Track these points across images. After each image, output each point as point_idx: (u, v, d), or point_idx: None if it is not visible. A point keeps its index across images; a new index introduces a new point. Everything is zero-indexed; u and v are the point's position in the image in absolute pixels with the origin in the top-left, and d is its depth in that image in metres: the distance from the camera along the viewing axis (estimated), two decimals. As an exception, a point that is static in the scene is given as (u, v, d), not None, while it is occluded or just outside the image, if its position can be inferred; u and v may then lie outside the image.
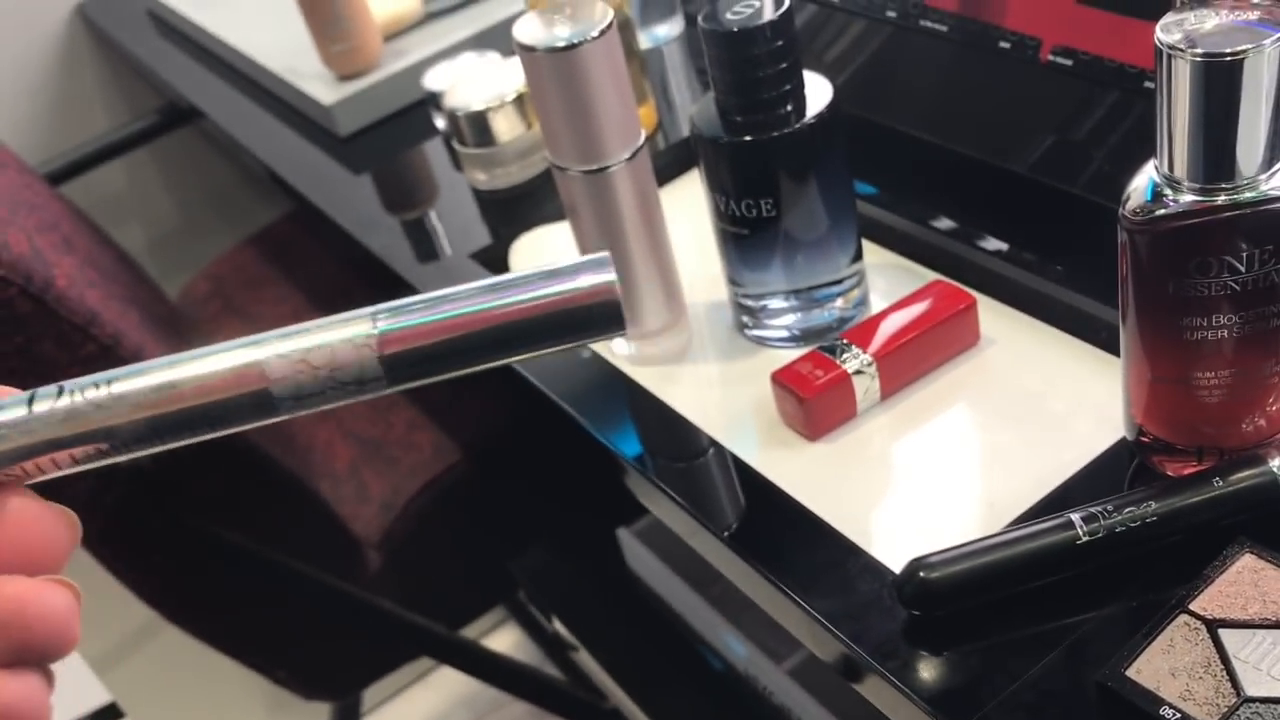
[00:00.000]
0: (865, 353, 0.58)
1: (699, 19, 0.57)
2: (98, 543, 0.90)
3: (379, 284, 0.97)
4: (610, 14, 0.56)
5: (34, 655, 0.28)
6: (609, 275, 0.31)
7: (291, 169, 0.93)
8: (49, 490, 0.31)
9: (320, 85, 0.94)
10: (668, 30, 0.94)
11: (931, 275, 0.66)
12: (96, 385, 0.30)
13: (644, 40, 0.92)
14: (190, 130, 1.34)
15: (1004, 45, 0.65)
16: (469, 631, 1.30)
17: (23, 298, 0.77)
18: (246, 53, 1.03)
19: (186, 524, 0.92)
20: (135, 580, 0.93)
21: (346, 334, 0.31)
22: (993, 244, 0.64)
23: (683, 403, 0.62)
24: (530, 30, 0.57)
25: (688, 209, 0.74)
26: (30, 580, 0.28)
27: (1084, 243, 0.61)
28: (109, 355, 0.82)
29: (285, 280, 1.35)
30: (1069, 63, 0.62)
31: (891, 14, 0.72)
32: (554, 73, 0.56)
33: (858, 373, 0.58)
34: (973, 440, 0.57)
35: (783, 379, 0.58)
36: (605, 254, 0.32)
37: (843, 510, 0.54)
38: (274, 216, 1.41)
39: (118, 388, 0.30)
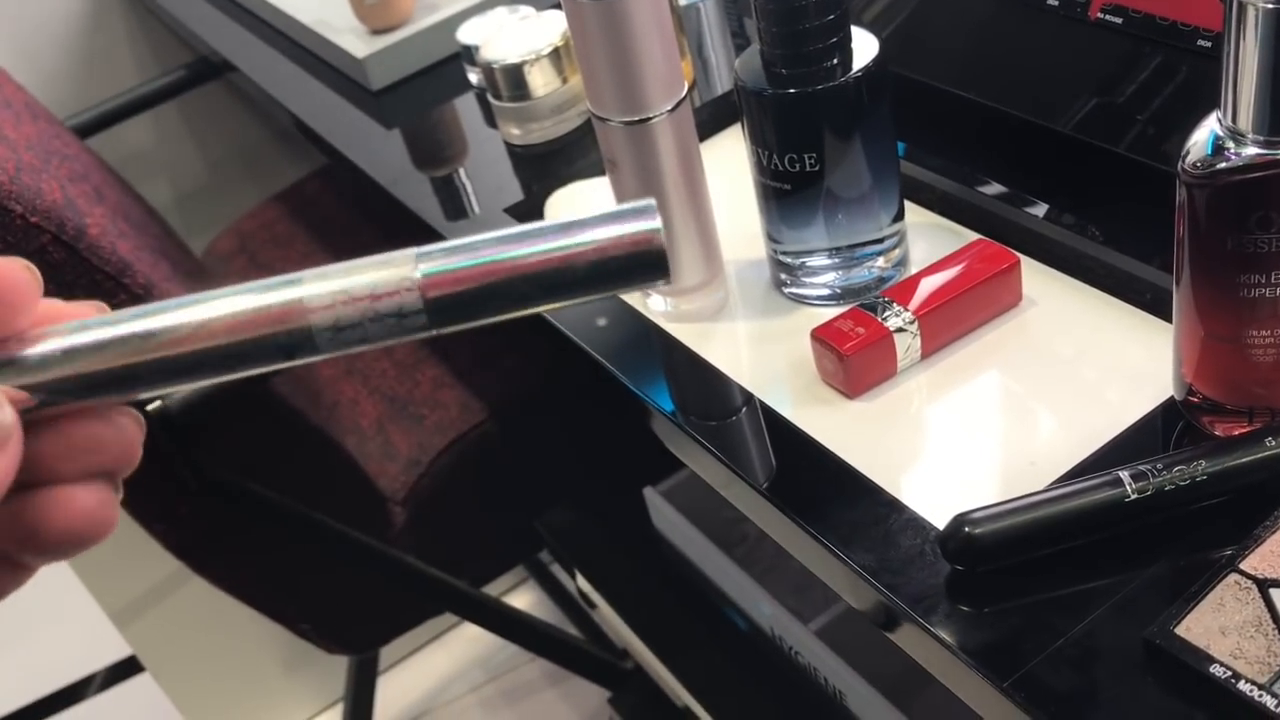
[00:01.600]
0: (907, 310, 0.58)
1: (746, -32, 0.56)
2: (126, 494, 0.90)
3: (408, 241, 0.96)
4: (657, -38, 0.55)
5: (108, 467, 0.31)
6: (655, 222, 0.31)
7: (323, 123, 0.93)
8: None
9: (353, 39, 0.93)
10: (703, -12, 0.93)
11: (973, 236, 0.65)
12: (139, 317, 0.30)
13: (680, -3, 0.91)
14: (219, 86, 1.33)
15: (1051, 2, 0.64)
16: (490, 590, 1.30)
17: (56, 245, 0.77)
18: (279, 5, 1.02)
19: (215, 476, 0.92)
20: (163, 532, 0.94)
21: (389, 275, 0.30)
22: (1036, 204, 0.63)
23: (720, 359, 0.62)
24: (575, -23, 0.56)
25: (723, 167, 0.73)
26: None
27: (1129, 204, 0.60)
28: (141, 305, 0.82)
29: (311, 238, 1.34)
30: (1119, 20, 0.61)
31: (936, -30, 0.71)
32: (599, 21, 0.55)
33: (899, 330, 0.57)
34: (1014, 400, 0.57)
35: (823, 335, 0.58)
36: (650, 201, 0.31)
37: (883, 466, 0.53)
38: (301, 174, 1.40)
39: (157, 321, 0.30)
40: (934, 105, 0.70)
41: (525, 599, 1.55)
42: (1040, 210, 0.63)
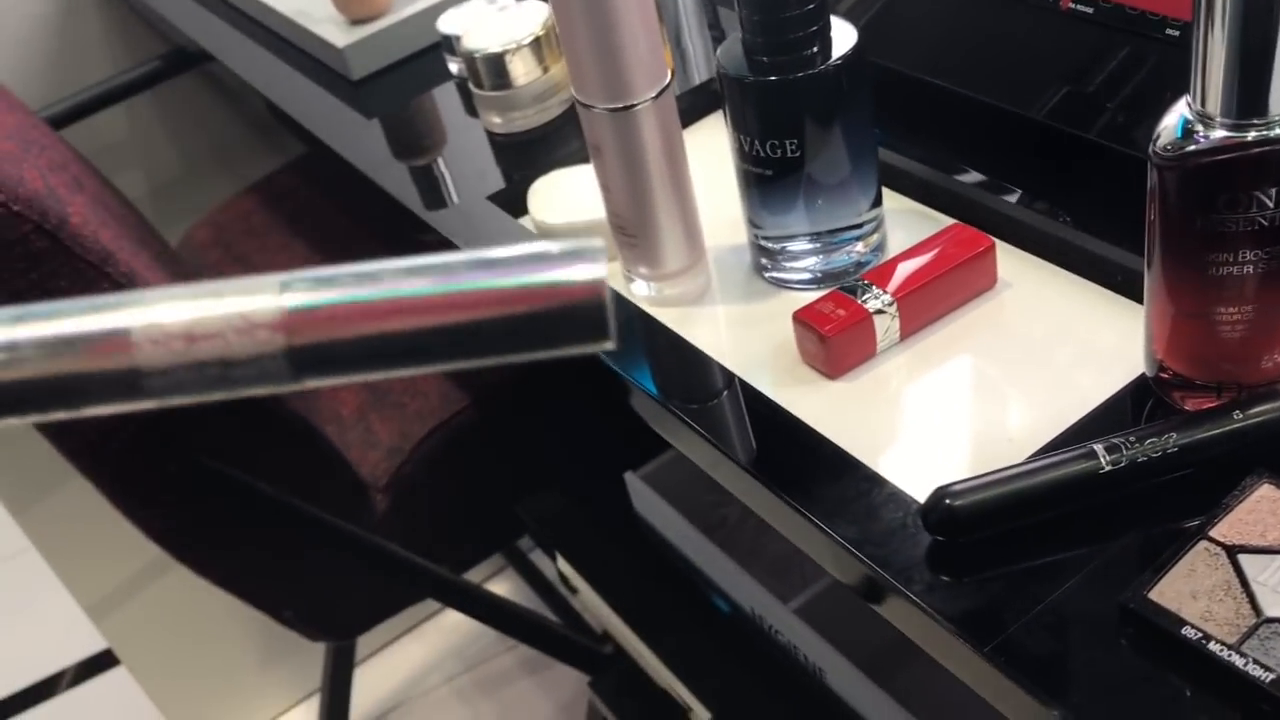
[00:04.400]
0: (886, 293, 0.59)
1: (729, -42, 0.58)
2: (109, 482, 0.91)
3: (387, 234, 0.97)
4: (641, -50, 0.57)
5: None
6: (599, 270, 0.24)
7: (303, 113, 0.93)
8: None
9: (332, 28, 0.94)
10: (679, -24, 0.94)
11: (948, 221, 0.67)
12: None
13: (658, -13, 0.92)
14: (193, 77, 1.33)
15: (1025, -8, 0.66)
16: (468, 578, 1.31)
17: (38, 234, 0.78)
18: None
19: (197, 464, 0.92)
20: (145, 520, 0.94)
21: (245, 306, 0.23)
22: (1010, 190, 0.65)
23: (703, 342, 0.63)
24: (561, -34, 0.57)
25: (703, 155, 0.74)
26: None
27: (1101, 188, 0.62)
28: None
29: (287, 229, 1.35)
30: (1089, 10, 0.63)
31: (911, -39, 0.72)
32: (584, 8, 0.56)
33: (878, 312, 0.59)
34: (991, 378, 0.58)
35: (804, 317, 0.59)
36: (598, 243, 0.25)
37: (865, 443, 0.55)
38: (277, 165, 1.40)
39: None
40: (910, 93, 0.71)
41: (503, 587, 1.56)
42: (1014, 196, 0.65)
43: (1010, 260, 0.63)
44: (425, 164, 0.84)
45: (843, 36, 0.60)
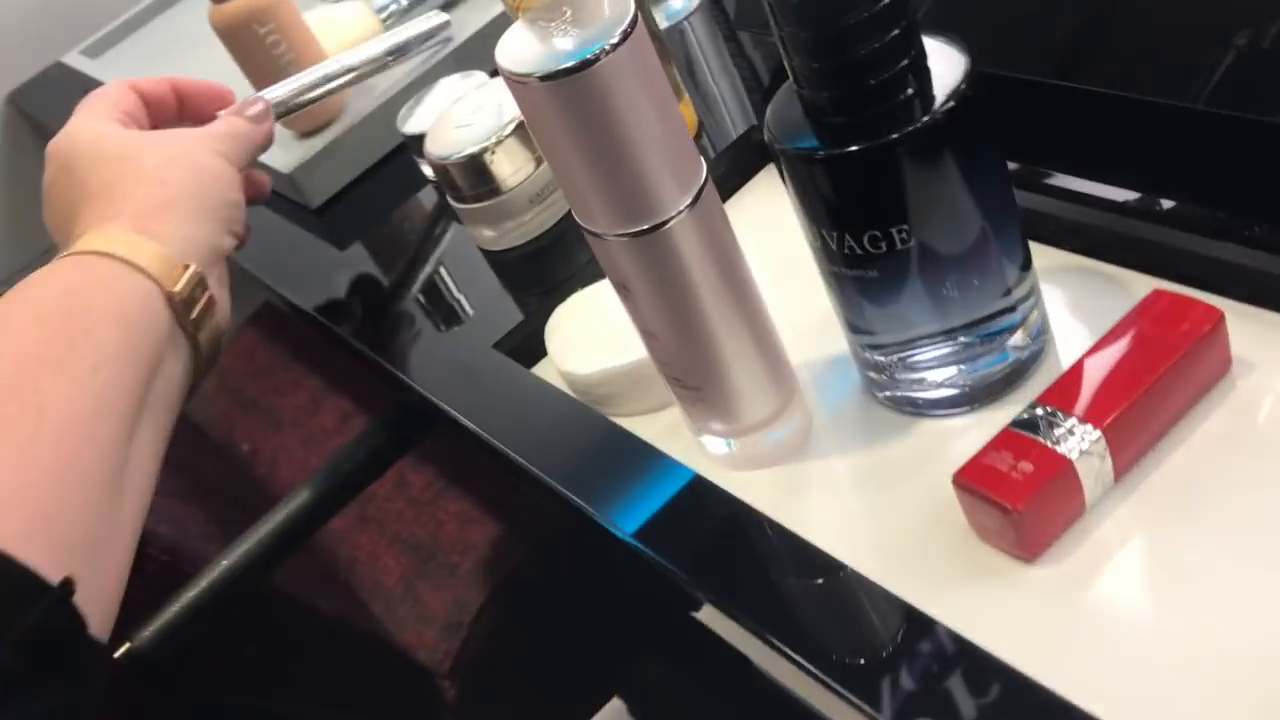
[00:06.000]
0: (1084, 422, 0.40)
1: (763, -15, 0.39)
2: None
3: (364, 390, 0.79)
4: (632, 9, 0.38)
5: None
6: None
7: (260, 256, 0.76)
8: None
9: (276, 149, 0.76)
10: (685, 1, 0.75)
11: (1118, 271, 0.47)
12: None
13: (660, 19, 0.74)
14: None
15: (1180, -60, 0.46)
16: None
17: None
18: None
19: (215, 703, 0.76)
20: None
21: None
22: (1192, 214, 0.45)
23: (817, 525, 0.44)
24: (520, 49, 0.39)
25: (758, 228, 0.56)
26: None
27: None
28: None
29: (297, 362, 1.18)
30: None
31: (996, -73, 0.53)
32: (565, 107, 0.38)
33: (1083, 455, 0.40)
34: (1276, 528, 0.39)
35: (973, 483, 0.40)
36: None
37: (1096, 682, 0.36)
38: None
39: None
40: (1027, 105, 0.51)
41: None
42: (1207, 222, 0.45)
43: (1238, 324, 0.43)
44: (409, 307, 0.66)
45: (944, 61, 0.41)
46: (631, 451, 0.50)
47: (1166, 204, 0.47)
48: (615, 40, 0.37)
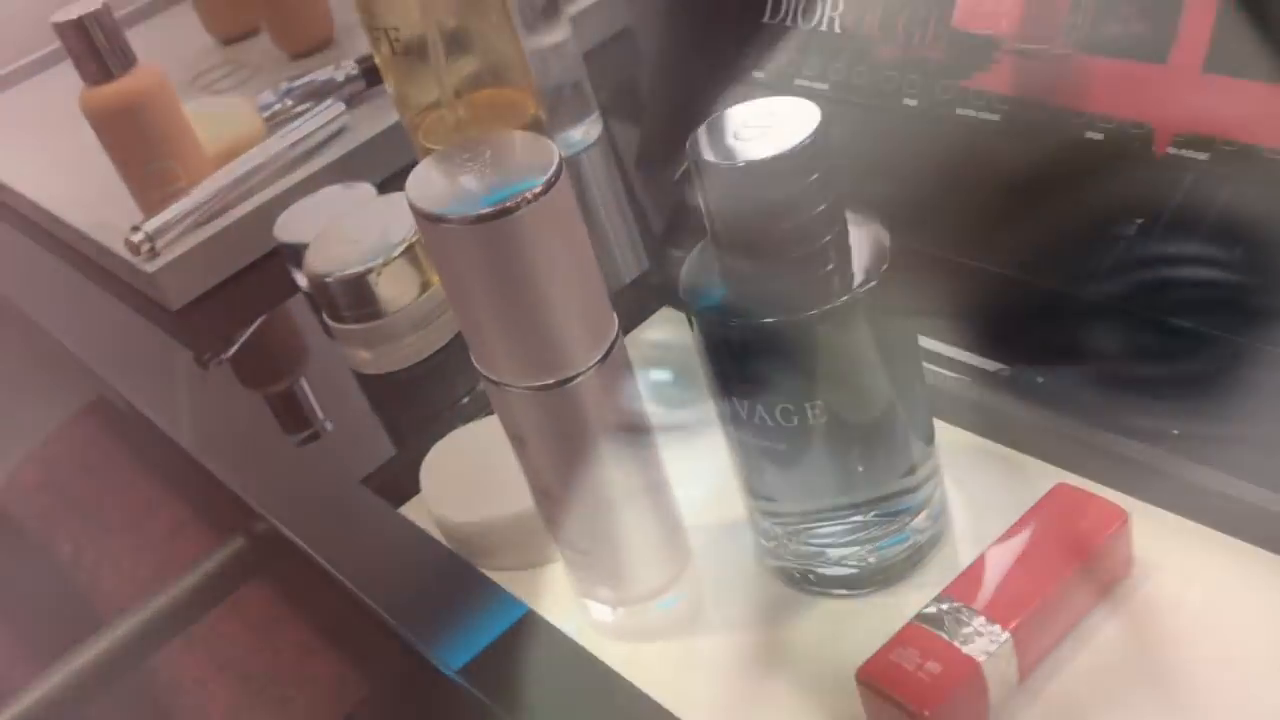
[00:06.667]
0: (992, 622, 0.38)
1: (695, 147, 0.37)
2: None
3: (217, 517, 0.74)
4: (555, 155, 0.36)
5: None
6: None
7: (104, 347, 0.71)
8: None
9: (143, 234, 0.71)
10: (584, 134, 0.74)
11: (1010, 453, 0.47)
12: None
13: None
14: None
15: (1093, 135, 0.47)
16: None
17: None
18: (43, 204, 0.80)
19: None
20: None
21: None
22: (1102, 404, 0.45)
23: (704, 702, 0.42)
24: (434, 187, 0.36)
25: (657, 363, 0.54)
26: None
27: (1254, 404, 0.42)
28: None
29: (134, 464, 1.11)
30: (1202, 156, 0.44)
31: (911, 101, 0.53)
32: (481, 252, 0.35)
33: (988, 656, 0.38)
34: (1175, 742, 0.38)
35: (880, 682, 0.38)
36: None
37: None
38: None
39: None
40: (933, 280, 0.51)
41: None
42: (1118, 417, 0.45)
43: (1138, 524, 0.43)
44: (264, 429, 0.61)
45: (865, 236, 0.40)
46: (503, 611, 0.46)
47: (1048, 386, 0.46)
48: (539, 188, 0.35)
